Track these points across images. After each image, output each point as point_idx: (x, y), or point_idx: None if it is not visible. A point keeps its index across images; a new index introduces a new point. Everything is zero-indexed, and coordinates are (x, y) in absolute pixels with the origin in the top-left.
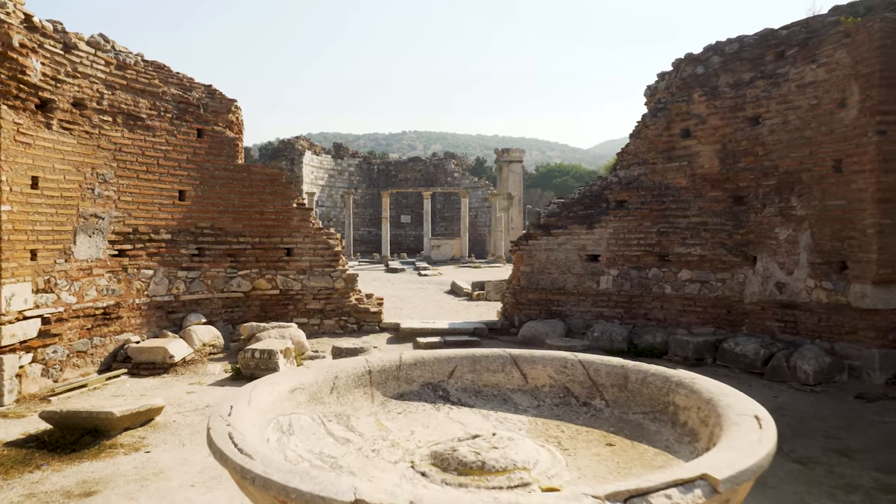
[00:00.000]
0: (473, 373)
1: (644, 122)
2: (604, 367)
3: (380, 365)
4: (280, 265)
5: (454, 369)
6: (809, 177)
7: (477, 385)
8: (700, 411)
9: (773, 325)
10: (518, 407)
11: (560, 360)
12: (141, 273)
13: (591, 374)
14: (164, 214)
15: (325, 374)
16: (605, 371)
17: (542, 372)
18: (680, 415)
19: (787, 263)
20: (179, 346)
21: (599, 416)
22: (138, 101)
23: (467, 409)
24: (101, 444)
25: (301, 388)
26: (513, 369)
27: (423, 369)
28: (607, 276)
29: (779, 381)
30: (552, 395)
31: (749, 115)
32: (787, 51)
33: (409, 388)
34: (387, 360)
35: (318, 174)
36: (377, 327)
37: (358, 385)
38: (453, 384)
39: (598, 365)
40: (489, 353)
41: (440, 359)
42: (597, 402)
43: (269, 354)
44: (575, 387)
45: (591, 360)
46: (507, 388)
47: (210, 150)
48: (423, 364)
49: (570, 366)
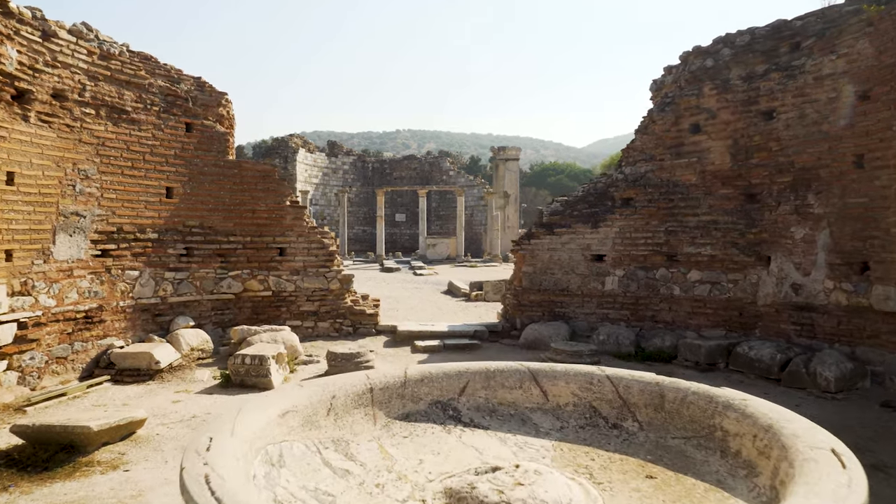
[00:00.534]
0: (487, 389)
1: (651, 117)
2: (635, 383)
3: (382, 382)
4: (272, 265)
5: (465, 385)
6: (828, 173)
7: (491, 403)
8: (758, 440)
9: (789, 328)
10: (539, 429)
11: (585, 376)
12: (125, 274)
13: (621, 391)
14: (151, 212)
15: (320, 393)
16: (636, 388)
17: (565, 389)
18: (730, 442)
19: (804, 264)
20: (166, 350)
21: (633, 440)
22: (123, 94)
23: (482, 432)
24: (77, 461)
25: (294, 411)
26: (531, 385)
27: (430, 386)
28: (613, 276)
29: (797, 387)
30: (577, 416)
31: (763, 108)
32: (802, 42)
33: (415, 408)
34: (390, 377)
35: (312, 172)
36: (373, 330)
37: (358, 405)
38: (465, 402)
39: (628, 381)
40: (504, 367)
41: (450, 374)
42: (629, 424)
43: (260, 360)
44: (603, 406)
45: (621, 376)
46: (525, 406)
47: (199, 145)
48: (431, 380)
49: (596, 382)
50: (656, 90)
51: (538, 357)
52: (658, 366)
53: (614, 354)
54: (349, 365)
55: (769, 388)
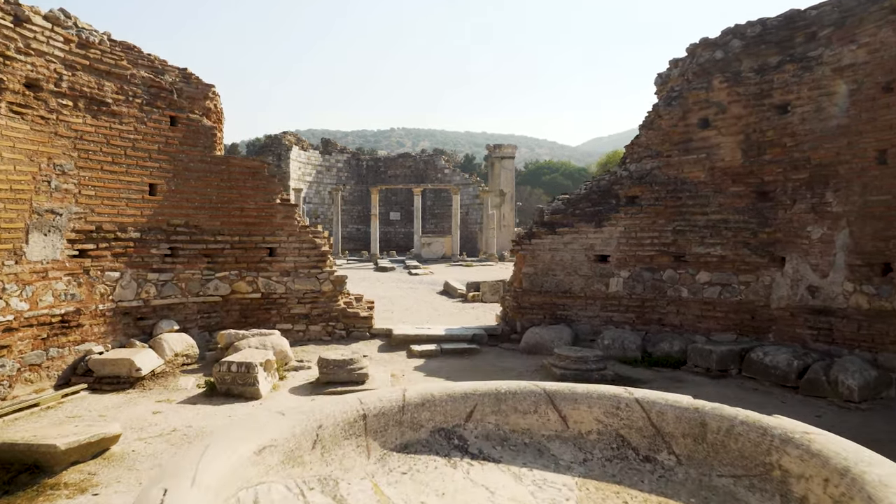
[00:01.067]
0: (498, 414)
1: (657, 111)
2: (670, 408)
3: (377, 407)
4: (262, 266)
5: (473, 409)
6: (848, 169)
7: (503, 430)
8: (831, 485)
9: (805, 332)
10: (559, 462)
11: (610, 399)
12: (105, 275)
13: (654, 418)
14: (133, 210)
15: (305, 422)
16: (672, 415)
17: (587, 414)
18: (793, 486)
19: (821, 265)
20: (148, 356)
21: (671, 477)
22: (103, 84)
23: (492, 466)
24: (42, 483)
25: (272, 446)
26: (548, 409)
27: (433, 410)
28: (617, 278)
29: (816, 396)
30: (602, 446)
31: (776, 102)
32: (818, 32)
33: (415, 437)
34: (386, 401)
35: (305, 170)
36: (367, 333)
37: (349, 435)
38: (472, 430)
39: (661, 406)
40: (517, 387)
41: (455, 396)
42: (664, 458)
43: (247, 368)
44: (632, 435)
45: (653, 400)
46: (541, 434)
47: (185, 140)
48: (434, 404)
49: (623, 406)
50: (661, 84)
51: (540, 362)
52: (666, 372)
53: (620, 359)
54: (342, 372)
55: (786, 396)
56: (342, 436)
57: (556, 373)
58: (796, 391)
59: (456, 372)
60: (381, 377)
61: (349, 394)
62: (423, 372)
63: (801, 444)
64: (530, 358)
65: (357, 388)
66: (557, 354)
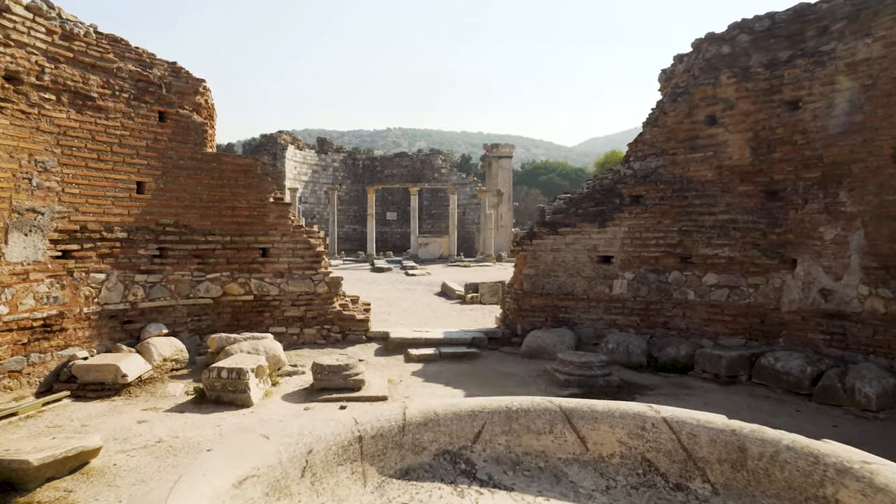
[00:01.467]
0: (508, 434)
1: (661, 108)
2: (703, 430)
3: (375, 427)
4: (255, 267)
5: (481, 429)
6: (862, 168)
7: (514, 453)
8: None
9: (817, 337)
10: (578, 490)
11: (635, 418)
12: (90, 277)
13: (684, 440)
14: (119, 209)
15: (292, 447)
16: (705, 437)
17: (609, 434)
18: None
19: (835, 267)
20: (135, 362)
21: None
22: (88, 78)
23: (503, 494)
24: (13, 502)
25: (255, 477)
26: (565, 429)
27: (437, 431)
28: (621, 279)
29: (831, 404)
30: (626, 471)
31: (787, 98)
32: (831, 25)
33: (417, 461)
34: (384, 420)
35: (301, 169)
36: (364, 336)
37: (343, 460)
38: (481, 452)
39: (693, 427)
40: (530, 404)
41: (461, 414)
42: (697, 486)
43: (238, 374)
44: (660, 459)
45: (683, 420)
46: (557, 457)
47: (174, 136)
48: (438, 423)
49: (650, 427)
50: (665, 80)
51: (542, 367)
52: (673, 377)
53: (624, 364)
54: (337, 378)
55: (800, 404)
56: (335, 461)
57: (559, 379)
58: (810, 399)
59: (455, 377)
60: (377, 383)
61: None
62: (422, 377)
63: (863, 477)
64: (532, 362)
65: (353, 394)
66: (561, 360)
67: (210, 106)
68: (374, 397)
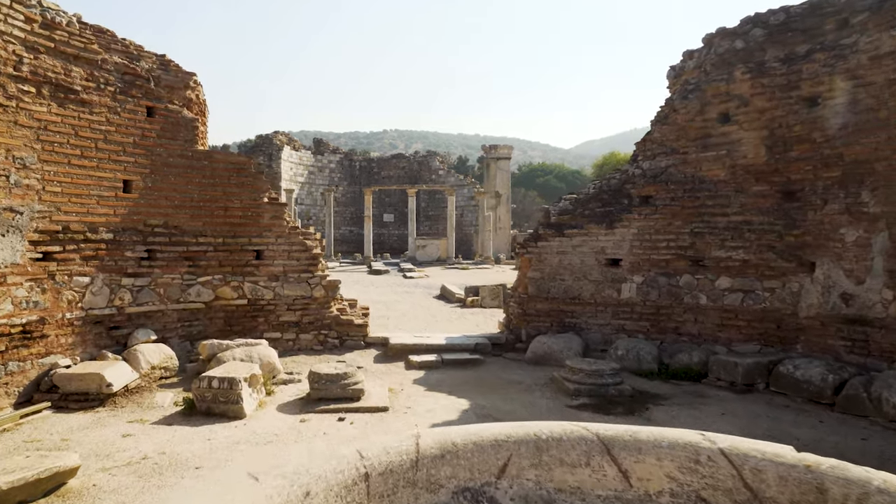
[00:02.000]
0: (539, 468)
1: (671, 105)
2: (770, 465)
3: (383, 462)
4: (248, 270)
5: (507, 462)
6: (886, 167)
7: (545, 490)
8: None
9: (837, 343)
10: None
11: (686, 449)
12: (73, 281)
13: (748, 476)
14: (105, 209)
15: (286, 491)
16: (773, 473)
17: (656, 468)
18: None
19: (857, 270)
20: (121, 370)
21: None
22: (70, 70)
23: None
24: None
25: None
26: (604, 462)
27: (455, 465)
28: (630, 283)
29: (856, 414)
30: None
31: (805, 94)
32: (851, 18)
33: (433, 500)
34: (394, 453)
35: (297, 170)
36: (362, 342)
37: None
38: (507, 489)
39: (757, 461)
40: (561, 432)
41: (482, 444)
42: None
43: (230, 384)
44: (718, 499)
45: (744, 453)
46: (596, 494)
47: (163, 133)
48: (456, 455)
49: (705, 460)
50: (675, 77)
51: (549, 374)
52: (686, 385)
53: (634, 372)
54: (334, 387)
55: (821, 413)
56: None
57: (569, 387)
58: (832, 408)
59: (459, 385)
60: (377, 392)
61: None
62: (424, 386)
63: None
64: (538, 369)
65: (352, 404)
66: (570, 367)
67: (202, 101)
68: (375, 408)
